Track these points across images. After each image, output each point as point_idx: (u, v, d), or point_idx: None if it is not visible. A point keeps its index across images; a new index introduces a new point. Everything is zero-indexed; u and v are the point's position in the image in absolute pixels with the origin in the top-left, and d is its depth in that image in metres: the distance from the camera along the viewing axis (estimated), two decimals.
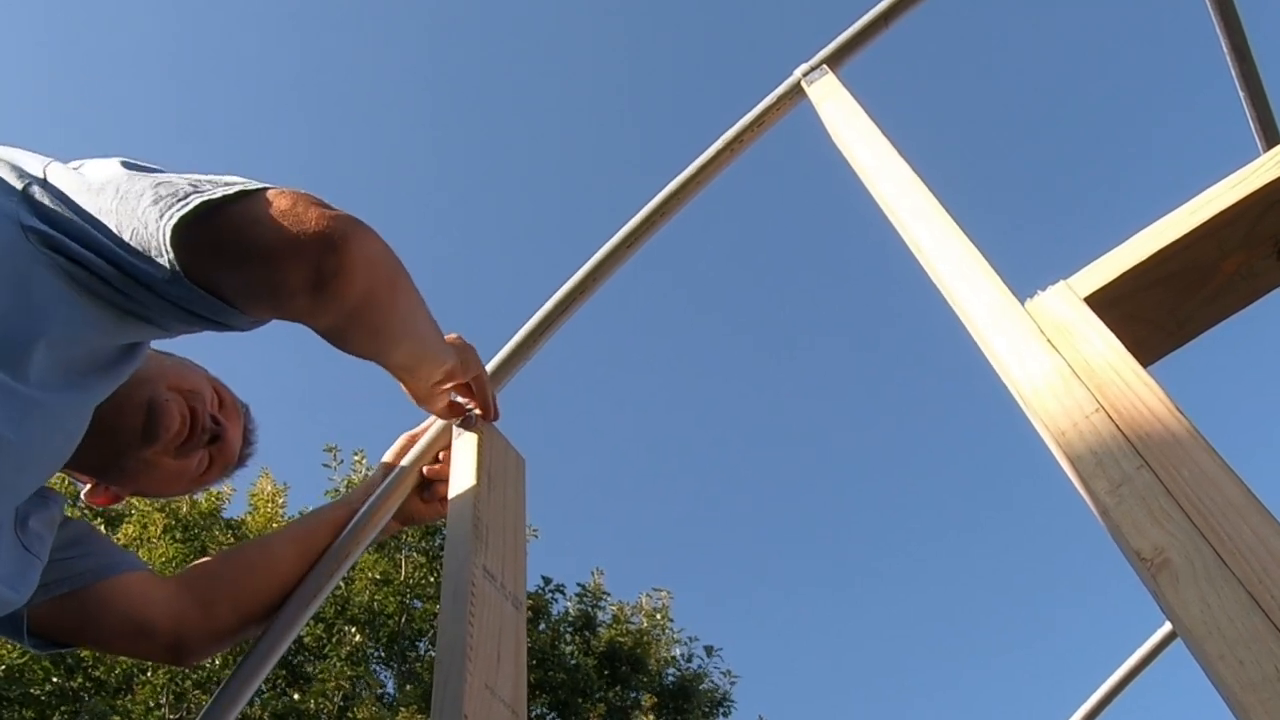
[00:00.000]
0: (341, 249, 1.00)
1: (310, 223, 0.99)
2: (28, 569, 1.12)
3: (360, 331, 1.11)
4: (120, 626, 1.31)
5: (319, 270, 0.99)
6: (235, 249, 0.99)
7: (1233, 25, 1.99)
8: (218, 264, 0.99)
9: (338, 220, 1.01)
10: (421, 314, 1.22)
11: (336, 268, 1.00)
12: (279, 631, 1.37)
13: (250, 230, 0.98)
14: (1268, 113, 2.07)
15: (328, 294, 1.01)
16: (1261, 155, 1.16)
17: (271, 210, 0.99)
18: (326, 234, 0.99)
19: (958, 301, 1.23)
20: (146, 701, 8.86)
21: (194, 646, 1.37)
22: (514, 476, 1.49)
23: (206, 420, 1.31)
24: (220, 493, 10.46)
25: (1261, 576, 0.81)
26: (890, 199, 1.44)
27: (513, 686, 1.18)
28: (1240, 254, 1.16)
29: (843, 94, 1.70)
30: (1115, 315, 1.12)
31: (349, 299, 1.03)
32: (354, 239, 1.02)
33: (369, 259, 1.04)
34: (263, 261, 0.99)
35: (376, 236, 1.07)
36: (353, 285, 1.02)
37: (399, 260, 1.13)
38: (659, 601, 12.66)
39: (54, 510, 1.21)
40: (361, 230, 1.04)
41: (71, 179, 1.02)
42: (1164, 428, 0.95)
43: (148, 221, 0.96)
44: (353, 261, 1.01)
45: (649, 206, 1.77)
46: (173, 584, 1.39)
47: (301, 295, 1.01)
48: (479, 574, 1.25)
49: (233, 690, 1.33)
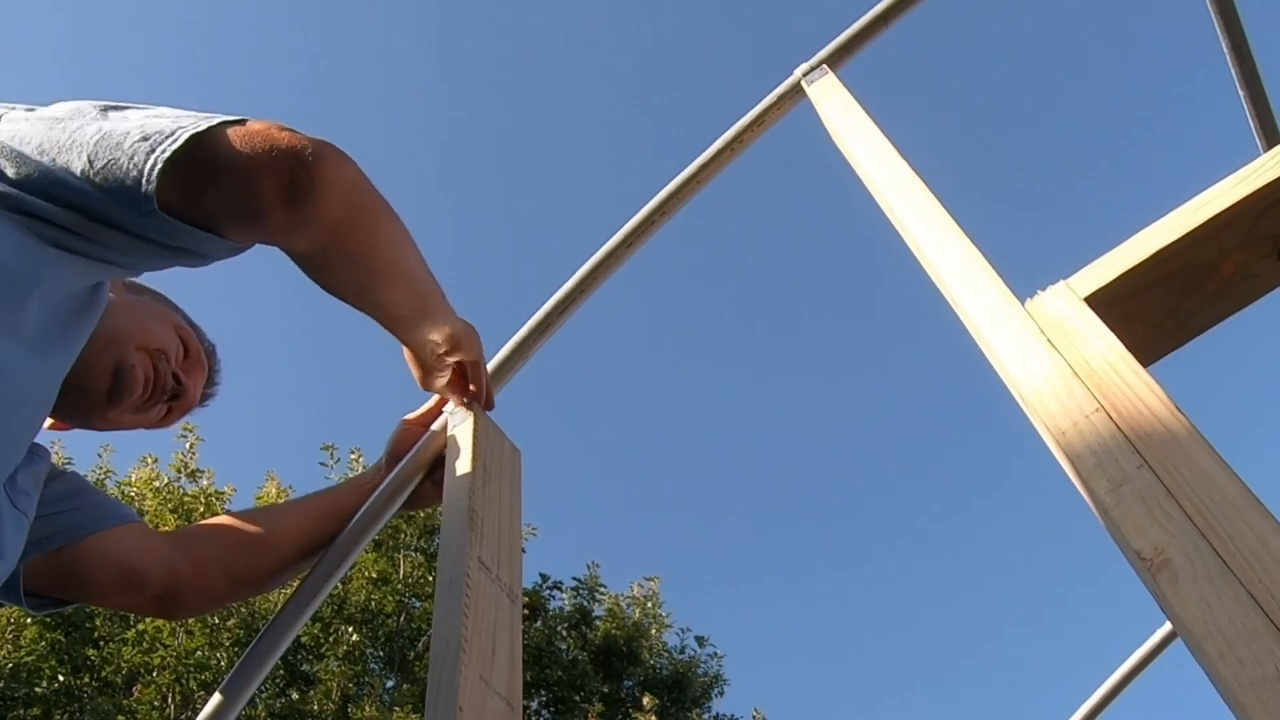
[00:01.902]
0: (315, 164, 1.01)
1: (284, 140, 1.01)
2: (17, 528, 1.12)
3: (342, 259, 1.11)
4: (112, 578, 1.31)
5: (293, 183, 1.00)
6: (210, 170, 1.00)
7: (1233, 25, 1.99)
8: (194, 188, 1.00)
9: (314, 141, 1.03)
10: (413, 254, 1.22)
11: (311, 180, 1.01)
12: (279, 632, 1.37)
13: (225, 150, 1.00)
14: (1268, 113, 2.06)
15: (303, 209, 1.02)
16: (1261, 155, 1.16)
17: (246, 130, 1.01)
18: (300, 149, 1.01)
19: (958, 301, 1.23)
20: (151, 700, 8.87)
21: (183, 602, 1.38)
22: (510, 469, 1.49)
23: (168, 382, 1.31)
24: (222, 493, 10.48)
25: (1261, 576, 0.81)
26: (890, 199, 1.44)
27: (508, 679, 1.18)
28: (1240, 254, 1.16)
29: (843, 94, 1.70)
30: (1115, 315, 1.12)
31: (325, 216, 1.04)
32: (329, 157, 1.03)
33: (345, 178, 1.05)
34: (236, 177, 1.00)
35: (353, 163, 1.08)
36: (328, 201, 1.03)
37: (380, 194, 1.13)
38: (649, 590, 12.72)
39: (40, 465, 1.21)
40: (336, 152, 1.05)
41: (29, 122, 1.01)
42: (1164, 427, 0.96)
43: (134, 155, 0.97)
44: (326, 176, 1.02)
45: (649, 206, 1.77)
46: (168, 538, 1.39)
47: (276, 210, 1.01)
48: (474, 566, 1.25)
49: (234, 690, 1.33)
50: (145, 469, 10.33)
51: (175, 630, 9.20)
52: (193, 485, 10.44)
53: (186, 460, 10.53)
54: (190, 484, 10.46)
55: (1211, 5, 1.97)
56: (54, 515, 1.25)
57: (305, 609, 1.40)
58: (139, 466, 10.41)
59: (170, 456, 10.59)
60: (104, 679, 9.21)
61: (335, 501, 1.50)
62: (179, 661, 9.03)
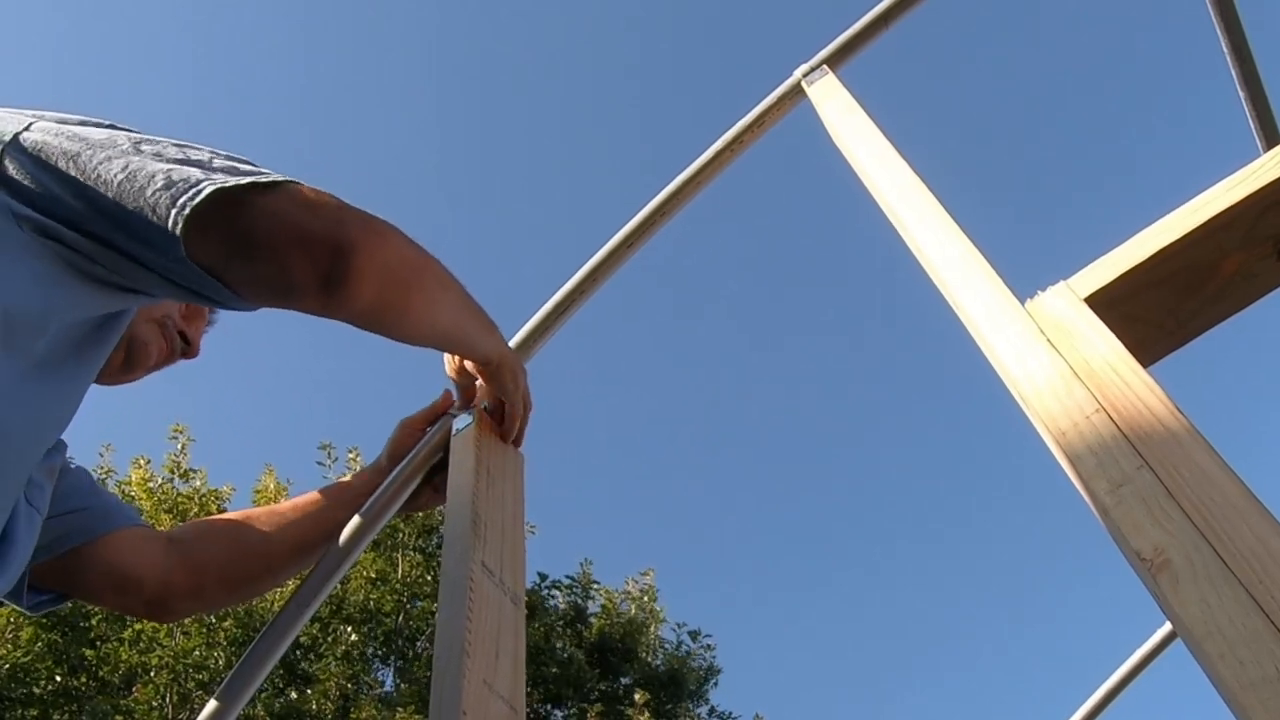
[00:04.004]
0: (351, 254, 0.99)
1: (322, 224, 0.98)
2: (29, 525, 1.11)
3: (377, 328, 1.11)
4: (108, 581, 1.31)
5: (327, 273, 0.99)
6: (244, 241, 0.97)
7: (1232, 25, 1.99)
8: (225, 252, 0.97)
9: (352, 225, 1.00)
10: (452, 310, 1.23)
11: (345, 273, 0.99)
12: (279, 632, 1.37)
13: (261, 224, 0.97)
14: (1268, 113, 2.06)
15: (336, 298, 1.01)
16: (1261, 156, 1.16)
17: (285, 206, 0.98)
18: (338, 237, 0.98)
19: (958, 302, 1.23)
20: (149, 701, 8.87)
21: (175, 606, 1.38)
22: (513, 472, 1.49)
23: (177, 343, 1.31)
24: (220, 491, 10.49)
25: (1261, 577, 0.81)
26: (890, 199, 1.44)
27: (511, 683, 1.18)
28: (1240, 254, 1.16)
29: (843, 94, 1.70)
30: (1115, 315, 1.12)
31: (357, 303, 1.03)
32: (366, 245, 1.00)
33: (381, 266, 1.03)
34: (270, 258, 0.98)
35: (395, 240, 1.06)
36: (361, 291, 1.02)
37: (423, 261, 1.12)
38: (644, 585, 12.76)
39: (56, 458, 1.21)
40: (376, 235, 1.02)
41: (59, 138, 0.98)
42: (1164, 428, 0.96)
43: (157, 205, 0.94)
44: (361, 268, 1.00)
45: (649, 207, 1.77)
46: (164, 542, 1.39)
47: (309, 296, 1.01)
48: (478, 570, 1.25)
49: (233, 691, 1.33)
50: (139, 470, 10.34)
51: (172, 631, 9.20)
52: (186, 486, 10.46)
53: (179, 461, 10.55)
54: (184, 484, 10.48)
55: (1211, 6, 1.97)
56: (64, 515, 1.25)
57: (305, 610, 1.39)
58: (133, 468, 10.42)
59: (163, 457, 10.63)
60: (102, 679, 9.21)
61: (333, 506, 1.49)
62: (176, 661, 9.04)
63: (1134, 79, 32.48)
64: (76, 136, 0.98)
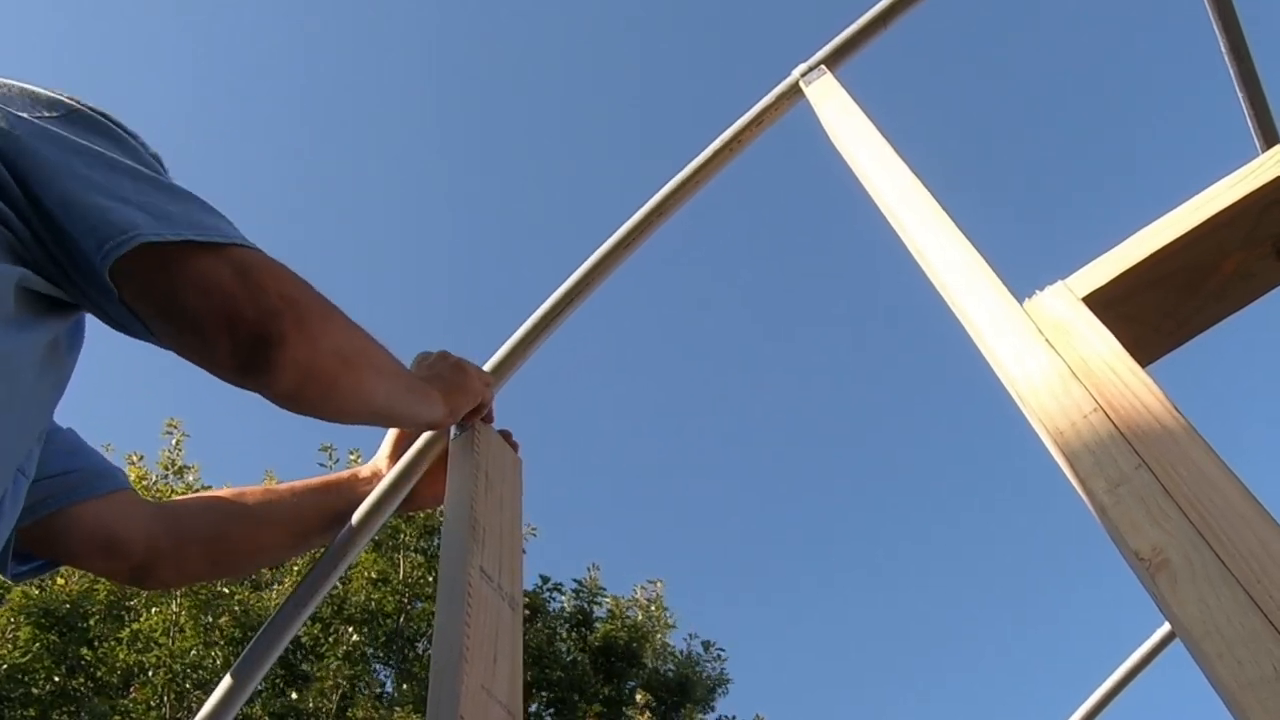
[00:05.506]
0: (277, 346, 0.95)
1: (254, 310, 0.94)
2: (16, 488, 1.08)
3: (296, 413, 1.07)
4: (95, 545, 1.29)
5: (247, 361, 0.95)
6: (168, 302, 0.94)
7: (1231, 25, 1.98)
8: (149, 305, 0.94)
9: (284, 317, 0.95)
10: (379, 398, 1.17)
11: (266, 363, 0.95)
12: (276, 632, 1.37)
13: (190, 291, 0.93)
14: (1266, 112, 2.06)
15: (251, 382, 0.98)
16: (1260, 155, 1.16)
17: (221, 277, 0.93)
18: (266, 329, 0.94)
19: (956, 301, 1.23)
20: (147, 701, 8.87)
21: (159, 575, 1.37)
22: (511, 476, 1.49)
23: None
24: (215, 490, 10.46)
25: (1260, 576, 0.81)
26: (888, 199, 1.44)
27: (509, 688, 1.18)
28: (1239, 254, 1.16)
29: (841, 94, 1.70)
30: (1114, 315, 1.12)
31: (272, 390, 1.00)
32: (294, 340, 0.96)
33: (306, 361, 0.99)
34: (192, 329, 0.95)
35: (329, 334, 1.02)
36: (279, 381, 0.98)
37: (355, 351, 1.07)
38: (653, 592, 12.74)
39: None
40: (307, 330, 0.98)
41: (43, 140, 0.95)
42: (1162, 427, 0.95)
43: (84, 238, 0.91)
44: (282, 362, 0.96)
45: (646, 207, 1.76)
46: (154, 510, 1.38)
47: (226, 373, 0.98)
48: (475, 574, 1.25)
49: (232, 690, 1.33)
50: (134, 468, 10.34)
51: (169, 630, 9.20)
52: (180, 482, 10.47)
53: (174, 457, 10.57)
54: (178, 480, 10.49)
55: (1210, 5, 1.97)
56: (51, 478, 1.23)
57: (303, 609, 1.39)
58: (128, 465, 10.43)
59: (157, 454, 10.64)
60: (99, 679, 9.21)
61: (327, 498, 1.48)
62: (174, 661, 9.04)
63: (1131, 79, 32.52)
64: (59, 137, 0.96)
